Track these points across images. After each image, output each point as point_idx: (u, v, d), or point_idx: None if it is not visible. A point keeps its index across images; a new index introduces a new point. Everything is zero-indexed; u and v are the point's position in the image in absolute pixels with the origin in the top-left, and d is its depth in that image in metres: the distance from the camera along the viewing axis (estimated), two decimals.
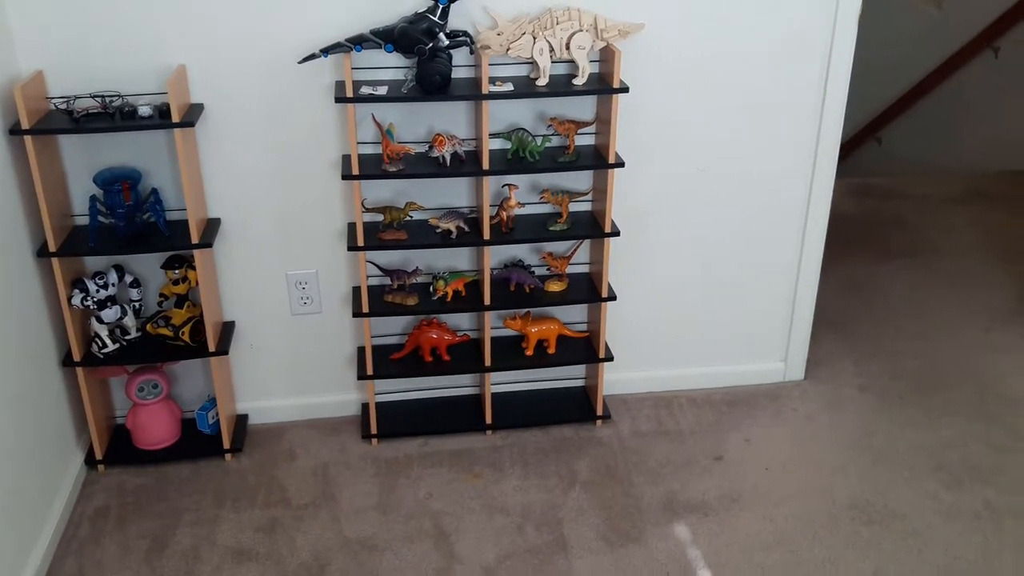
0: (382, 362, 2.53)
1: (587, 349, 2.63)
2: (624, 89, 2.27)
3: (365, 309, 2.41)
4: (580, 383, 2.79)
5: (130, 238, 2.27)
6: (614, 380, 2.76)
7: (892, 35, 5.68)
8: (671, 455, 2.54)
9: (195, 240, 2.26)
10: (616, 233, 2.44)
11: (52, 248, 2.20)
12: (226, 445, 2.52)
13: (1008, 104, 4.79)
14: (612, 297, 2.52)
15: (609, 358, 2.60)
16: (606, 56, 2.30)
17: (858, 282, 3.45)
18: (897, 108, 5.54)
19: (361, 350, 2.53)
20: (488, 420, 2.62)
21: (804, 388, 2.83)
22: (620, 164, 2.36)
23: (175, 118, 2.11)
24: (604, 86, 2.29)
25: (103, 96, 2.15)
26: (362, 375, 2.51)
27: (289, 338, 2.60)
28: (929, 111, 5.36)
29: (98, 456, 2.46)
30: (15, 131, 2.08)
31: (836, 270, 3.42)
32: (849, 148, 5.99)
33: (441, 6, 2.15)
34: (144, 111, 2.13)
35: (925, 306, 3.30)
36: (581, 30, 2.24)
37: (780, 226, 2.68)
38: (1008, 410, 2.71)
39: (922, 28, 5.36)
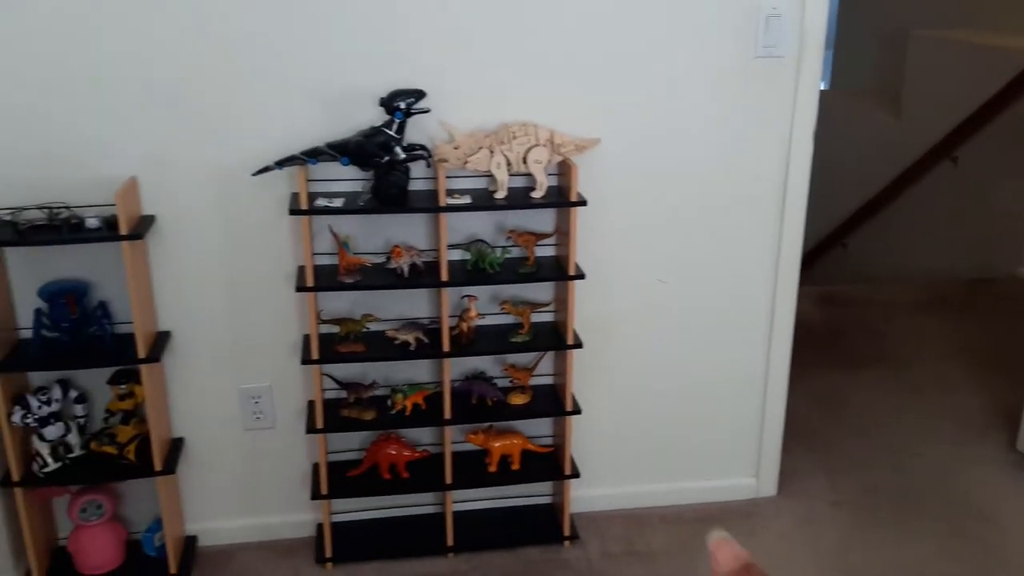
0: (338, 480, 2.43)
1: (552, 465, 2.55)
2: (582, 202, 2.26)
3: (320, 424, 2.33)
4: (547, 500, 2.69)
5: (75, 353, 2.19)
6: (582, 497, 2.66)
7: (856, 143, 5.82)
8: None
9: (142, 355, 2.19)
10: (579, 345, 2.40)
11: None
12: (172, 570, 2.38)
13: (968, 213, 4.87)
14: (577, 411, 2.45)
15: (575, 474, 2.51)
16: (564, 170, 2.30)
17: (827, 392, 3.40)
18: (862, 215, 5.62)
19: (316, 467, 2.43)
20: (450, 542, 2.50)
21: (777, 504, 2.74)
22: (580, 276, 2.33)
23: (123, 230, 2.06)
24: (562, 199, 2.28)
25: (50, 208, 2.11)
26: (316, 495, 2.40)
27: (241, 455, 2.50)
28: (892, 218, 5.45)
29: None
30: None
31: (804, 379, 3.37)
32: (815, 255, 6.05)
33: (397, 121, 2.15)
34: (91, 223, 2.09)
35: (895, 416, 3.25)
36: (538, 145, 2.24)
37: (745, 338, 2.64)
38: (982, 526, 2.63)
39: (883, 137, 5.51)
